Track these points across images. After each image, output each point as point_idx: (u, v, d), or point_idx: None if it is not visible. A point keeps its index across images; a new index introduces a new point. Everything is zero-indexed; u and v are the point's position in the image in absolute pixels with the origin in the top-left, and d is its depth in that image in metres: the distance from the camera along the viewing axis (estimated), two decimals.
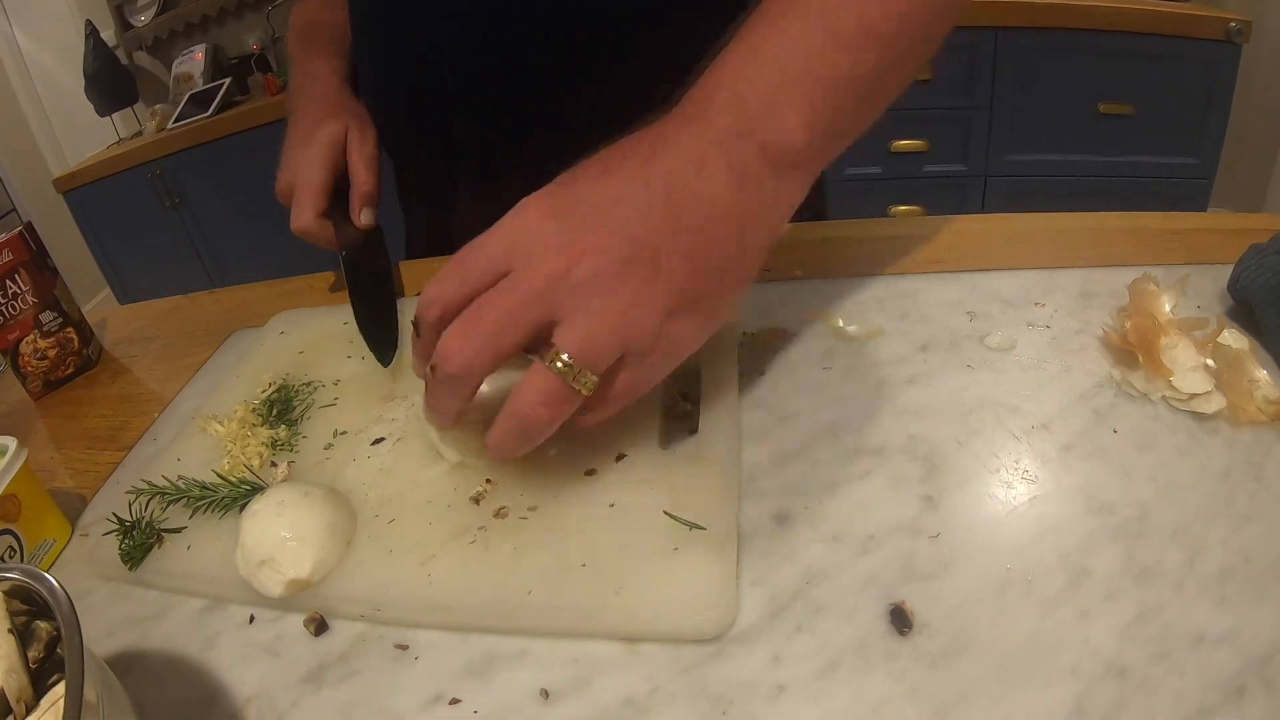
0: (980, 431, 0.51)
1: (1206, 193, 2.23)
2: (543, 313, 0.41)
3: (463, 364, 0.42)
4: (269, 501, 0.49)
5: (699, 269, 0.43)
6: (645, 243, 0.41)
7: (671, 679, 0.41)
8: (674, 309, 0.42)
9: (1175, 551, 0.41)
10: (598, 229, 0.42)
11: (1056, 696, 0.36)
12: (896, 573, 0.43)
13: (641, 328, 0.42)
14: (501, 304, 0.42)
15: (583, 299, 0.41)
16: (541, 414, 0.42)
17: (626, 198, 0.42)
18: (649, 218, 0.42)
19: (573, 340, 0.41)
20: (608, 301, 0.41)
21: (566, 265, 0.41)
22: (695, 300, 0.43)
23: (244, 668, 0.46)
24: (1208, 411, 0.48)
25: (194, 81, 3.13)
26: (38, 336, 0.78)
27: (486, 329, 0.42)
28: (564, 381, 0.41)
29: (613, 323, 0.41)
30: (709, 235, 0.42)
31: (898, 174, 2.50)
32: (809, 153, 0.44)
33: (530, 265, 0.42)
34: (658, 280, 0.42)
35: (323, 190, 0.76)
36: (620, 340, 0.42)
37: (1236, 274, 0.55)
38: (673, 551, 0.45)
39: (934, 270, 0.67)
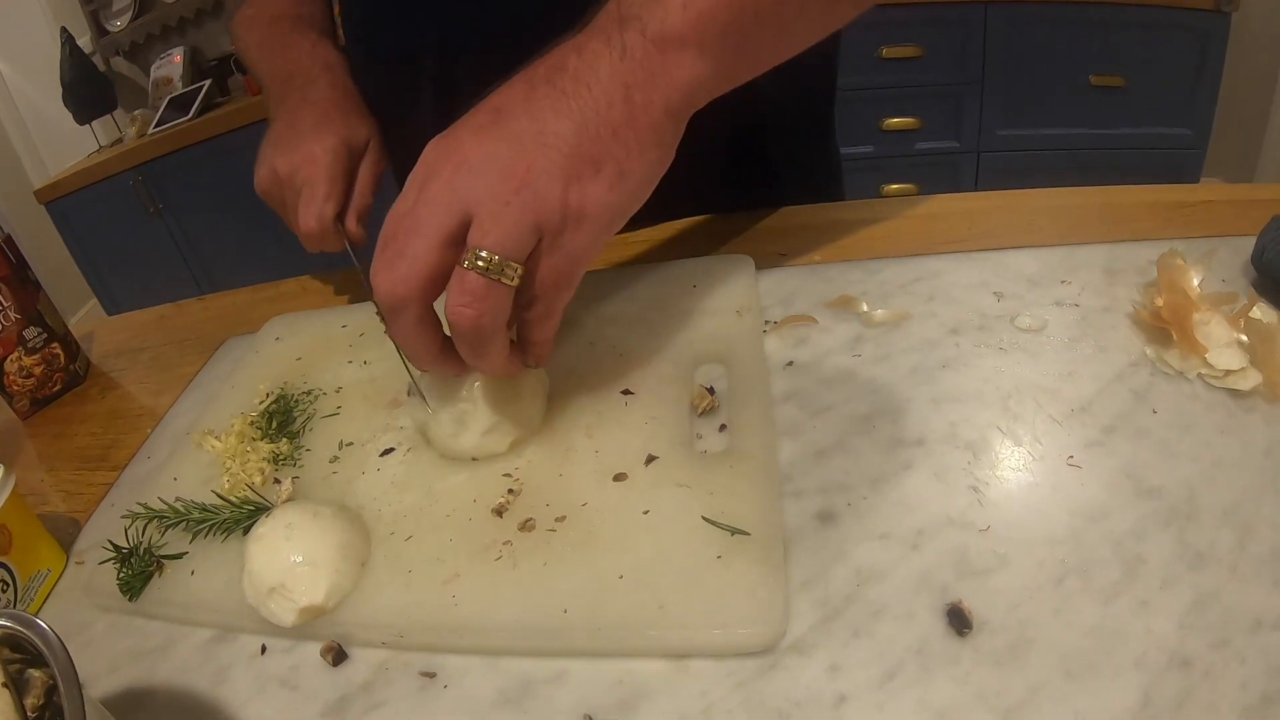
0: (1021, 416, 0.49)
1: (1199, 163, 2.22)
2: (453, 214, 0.42)
3: (390, 290, 0.43)
4: (276, 523, 0.46)
5: (589, 131, 0.43)
6: (529, 118, 0.43)
7: (726, 695, 0.38)
8: (573, 174, 0.42)
9: (1226, 534, 0.40)
10: (478, 125, 0.43)
11: (1124, 691, 0.35)
12: (950, 570, 0.41)
13: (544, 198, 0.42)
14: (410, 221, 0.43)
15: (481, 188, 0.41)
16: (467, 314, 0.42)
17: (508, 97, 0.44)
18: (530, 99, 0.43)
19: (481, 232, 0.41)
20: (504, 182, 0.41)
21: (458, 161, 0.42)
22: (595, 163, 0.43)
23: (260, 703, 0.43)
24: (1244, 388, 0.47)
25: (173, 85, 3.08)
26: (22, 354, 0.75)
27: (403, 249, 0.42)
28: (483, 276, 0.42)
29: (512, 201, 0.41)
30: (593, 98, 0.43)
31: (890, 153, 2.49)
32: (691, 32, 0.44)
33: (430, 179, 0.43)
34: (547, 148, 0.42)
35: (342, 189, 0.68)
36: (529, 217, 0.42)
37: (1261, 246, 0.54)
38: (716, 559, 0.42)
39: (955, 250, 0.65)
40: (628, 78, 0.43)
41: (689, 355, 0.56)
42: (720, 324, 0.59)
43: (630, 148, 0.44)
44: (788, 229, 0.73)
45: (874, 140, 2.46)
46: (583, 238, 0.44)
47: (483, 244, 0.41)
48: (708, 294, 0.62)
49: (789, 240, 0.70)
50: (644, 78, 0.44)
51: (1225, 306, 0.50)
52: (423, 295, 0.43)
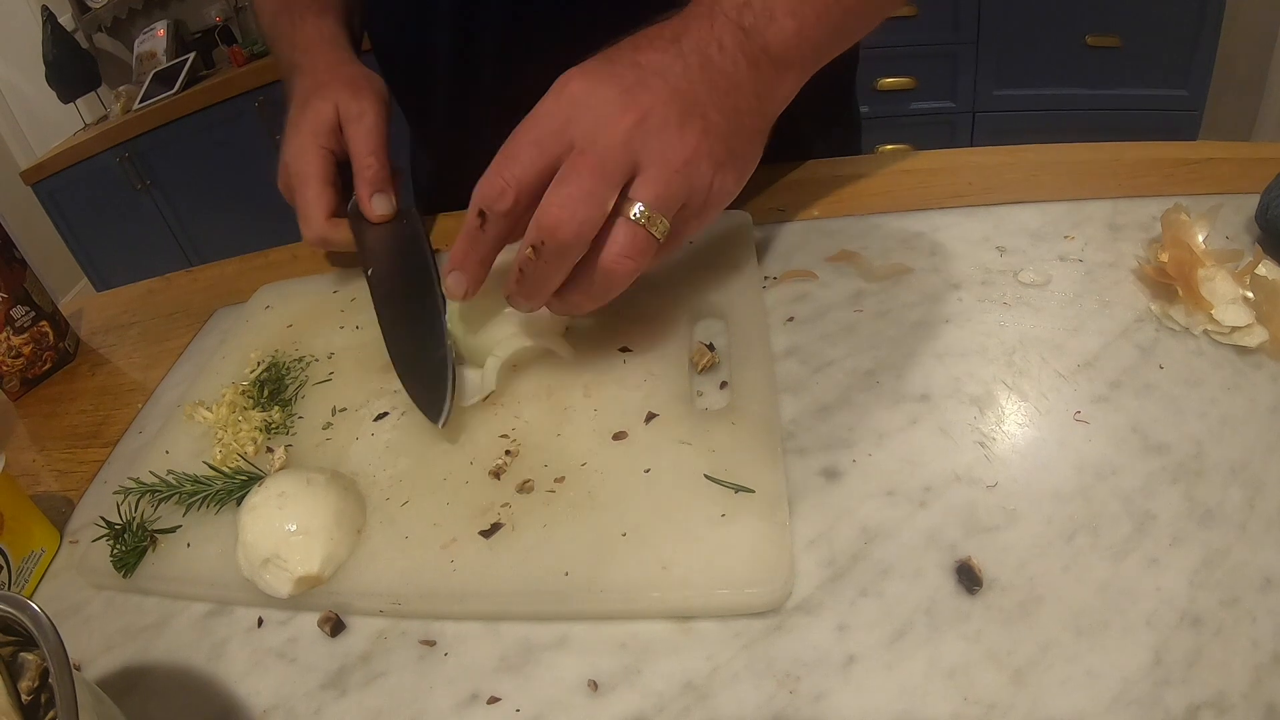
0: (1026, 371, 0.48)
1: (1196, 124, 2.19)
2: (627, 164, 0.43)
3: (576, 229, 0.43)
4: (268, 493, 0.45)
5: (735, 127, 0.46)
6: (695, 99, 0.45)
7: (732, 657, 0.38)
8: (720, 162, 0.46)
9: (1235, 491, 0.40)
10: (650, 89, 0.44)
11: (1135, 649, 0.35)
12: (958, 526, 0.41)
13: (702, 177, 0.45)
14: (590, 164, 0.43)
15: (655, 148, 0.43)
16: (627, 265, 0.44)
17: (666, 66, 0.45)
18: (692, 80, 0.45)
19: (650, 190, 0.43)
20: (676, 151, 0.44)
21: (635, 119, 0.43)
22: (734, 156, 0.47)
23: (257, 677, 0.42)
24: (1250, 345, 0.47)
25: (157, 59, 3.04)
26: (10, 333, 0.74)
27: (586, 189, 0.43)
28: (645, 230, 0.44)
29: (681, 172, 0.44)
30: (737, 100, 0.46)
31: (885, 113, 2.47)
32: (799, 55, 0.48)
33: (600, 127, 0.43)
34: (710, 134, 0.45)
35: (323, 180, 0.66)
36: (686, 189, 0.45)
37: (1265, 204, 0.53)
38: (719, 518, 0.41)
39: (957, 205, 0.64)
40: (760, 88, 0.47)
41: (687, 312, 0.55)
42: (719, 280, 0.57)
43: (754, 149, 0.49)
44: (786, 184, 0.71)
45: (868, 100, 2.44)
46: (705, 217, 0.48)
47: (649, 201, 0.43)
48: (706, 250, 0.61)
49: (788, 195, 0.69)
50: (767, 90, 0.48)
51: (1230, 263, 0.50)
52: (591, 236, 0.44)
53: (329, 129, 0.67)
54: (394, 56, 0.84)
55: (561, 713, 0.37)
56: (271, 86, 2.67)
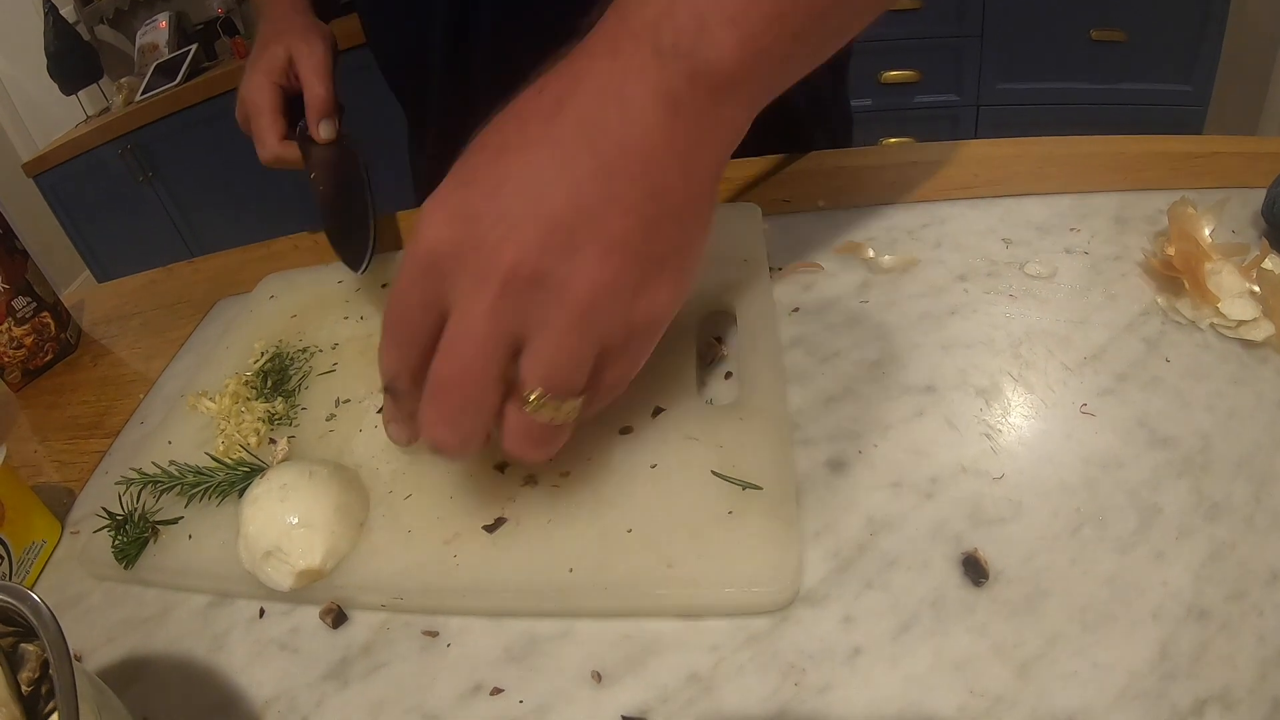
0: (1033, 363, 0.48)
1: (1200, 120, 2.17)
2: (506, 346, 0.35)
3: (460, 444, 0.37)
4: (270, 485, 0.45)
5: (651, 221, 0.35)
6: (581, 212, 0.34)
7: (737, 650, 0.37)
8: (638, 284, 0.36)
9: (1242, 486, 0.39)
10: (517, 222, 0.34)
11: (1141, 643, 0.34)
12: (964, 519, 0.41)
13: (613, 316, 0.36)
14: (455, 370, 0.36)
15: (535, 312, 0.34)
16: (536, 454, 0.38)
17: (538, 169, 0.35)
18: (574, 182, 0.34)
19: (539, 371, 0.35)
20: (560, 311, 0.34)
21: (501, 282, 0.34)
22: (659, 263, 0.36)
23: (259, 668, 0.42)
24: (1256, 339, 0.46)
25: (159, 51, 3.03)
26: (12, 324, 0.74)
27: (461, 401, 0.36)
28: (543, 418, 0.37)
29: (578, 328, 0.35)
30: (650, 180, 0.35)
31: (889, 105, 2.46)
32: (746, 71, 0.36)
33: (463, 300, 0.35)
34: (612, 254, 0.34)
35: (275, 110, 0.73)
36: (590, 346, 0.36)
37: (1272, 198, 0.52)
38: (727, 515, 0.41)
39: (963, 196, 0.63)
40: (681, 143, 0.35)
41: (695, 305, 0.55)
42: (726, 273, 0.57)
43: (690, 232, 0.38)
44: (791, 175, 0.71)
45: (873, 93, 2.43)
46: (646, 344, 0.39)
47: (543, 382, 0.36)
48: (714, 242, 0.59)
49: (793, 186, 0.69)
50: (698, 138, 0.36)
51: (1236, 257, 0.50)
52: (486, 434, 0.38)
53: (281, 67, 0.74)
54: (390, 55, 0.86)
55: (565, 704, 0.37)
56: None
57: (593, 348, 0.36)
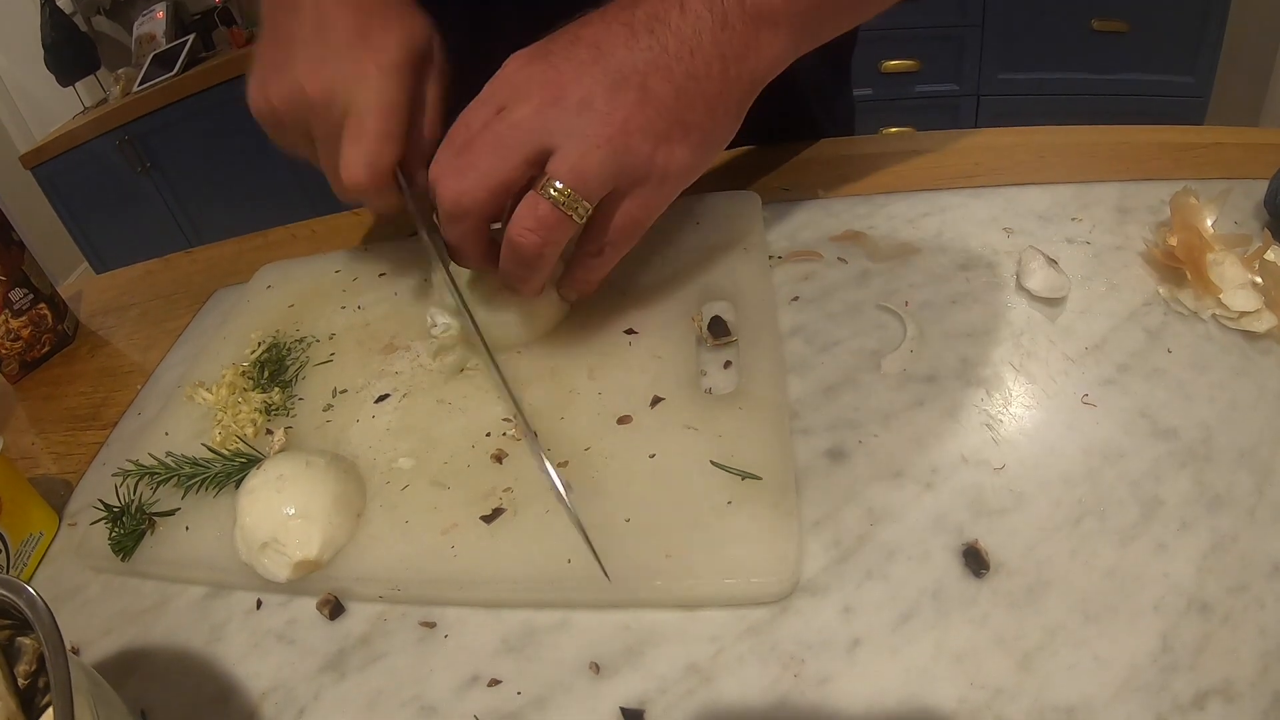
0: (1034, 353, 0.48)
1: (1202, 111, 2.16)
2: (536, 142, 0.42)
3: (455, 196, 0.43)
4: (267, 475, 0.45)
5: (686, 96, 0.43)
6: (631, 68, 0.42)
7: (736, 640, 0.37)
8: (664, 134, 0.43)
9: (1244, 477, 0.39)
10: (578, 62, 0.42)
11: (1143, 635, 0.34)
12: (965, 509, 0.40)
13: (633, 152, 0.42)
14: (491, 134, 0.42)
15: (574, 125, 0.41)
16: (531, 239, 0.43)
17: (606, 37, 0.43)
18: (633, 47, 0.42)
19: (564, 166, 0.41)
20: (599, 127, 0.41)
21: (555, 94, 0.42)
22: (685, 128, 0.44)
23: (257, 659, 0.42)
24: (1259, 330, 0.46)
25: (157, 41, 3.02)
26: (9, 316, 0.73)
27: (477, 161, 0.42)
28: (554, 208, 0.42)
29: (605, 148, 0.41)
30: (694, 65, 0.43)
31: (889, 95, 2.44)
32: (785, 9, 0.44)
33: (519, 98, 0.42)
34: (646, 105, 0.42)
35: (404, 127, 0.49)
36: (613, 165, 0.42)
37: (1274, 189, 0.52)
38: (726, 505, 0.40)
39: (964, 185, 0.63)
40: (725, 49, 0.43)
41: (694, 293, 0.54)
42: (727, 261, 0.56)
43: (718, 118, 0.45)
44: (792, 164, 0.71)
45: (872, 82, 2.42)
46: (658, 195, 0.45)
47: (562, 177, 0.41)
48: (713, 231, 0.60)
49: (793, 175, 0.68)
50: (739, 51, 0.44)
51: (1239, 248, 0.50)
52: (487, 209, 0.43)
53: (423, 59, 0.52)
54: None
55: (563, 695, 0.37)
56: None
57: (614, 169, 0.42)
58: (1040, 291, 0.50)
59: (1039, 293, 0.50)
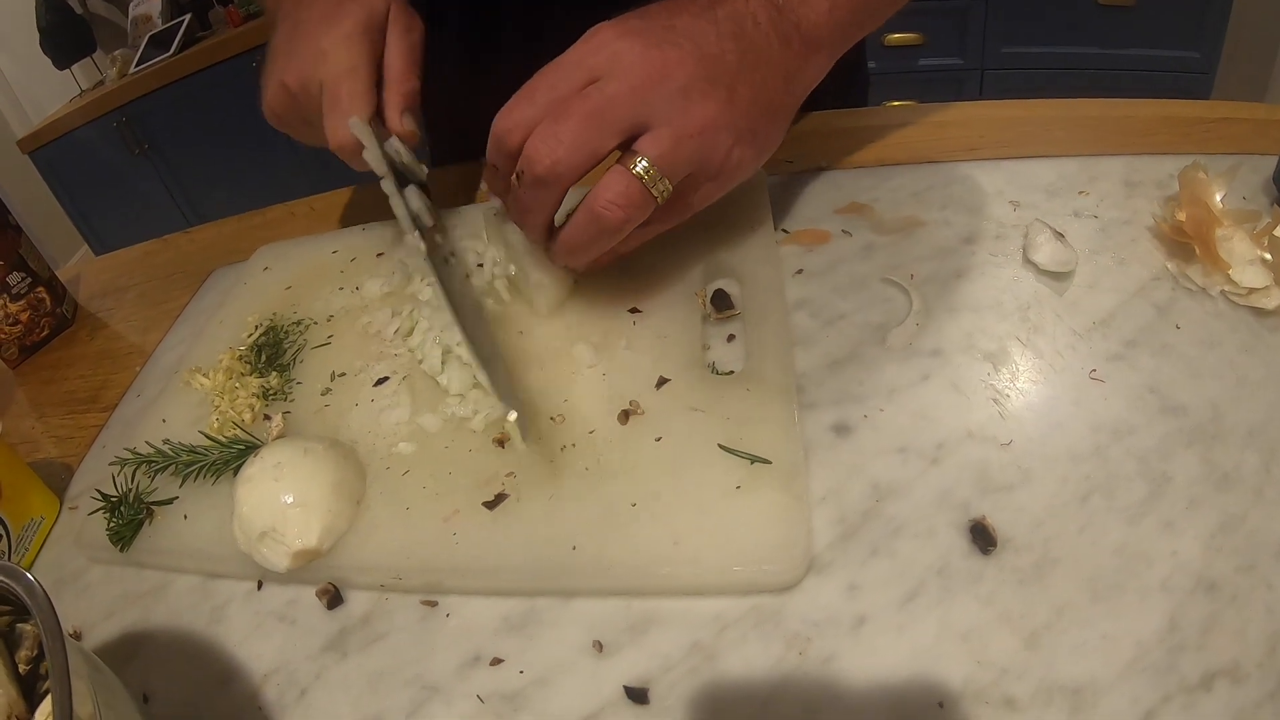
0: (1041, 328, 0.47)
1: (1208, 86, 2.13)
2: (632, 117, 0.42)
3: (549, 165, 0.42)
4: (265, 463, 0.44)
5: (760, 104, 0.45)
6: (724, 68, 0.44)
7: (741, 618, 0.37)
8: (740, 135, 0.45)
9: (1252, 456, 0.39)
10: (679, 49, 0.43)
11: (1150, 614, 0.34)
12: (972, 485, 0.40)
13: (718, 147, 0.44)
14: (590, 105, 0.42)
15: (671, 108, 0.42)
16: (616, 214, 0.43)
17: (699, 32, 0.44)
18: (724, 49, 0.44)
19: (658, 147, 0.42)
20: (694, 116, 0.43)
21: (656, 74, 0.42)
22: (755, 133, 0.46)
23: (258, 640, 0.42)
24: (1268, 307, 0.46)
25: (153, 22, 2.99)
26: (8, 300, 0.73)
27: (574, 127, 0.42)
28: (642, 185, 0.43)
29: (696, 137, 0.43)
30: (766, 75, 0.45)
31: (892, 69, 2.42)
32: (829, 36, 0.48)
33: (617, 73, 0.42)
34: (733, 105, 0.44)
35: (369, 84, 0.55)
36: (699, 155, 0.44)
37: None
38: (734, 490, 0.40)
39: (970, 158, 0.62)
40: (787, 67, 0.46)
41: (700, 270, 0.54)
42: (732, 239, 0.56)
43: (777, 127, 0.48)
44: (795, 135, 0.69)
45: (876, 55, 2.39)
46: (718, 188, 0.48)
47: (653, 157, 0.42)
48: (719, 207, 0.58)
49: (796, 146, 0.67)
50: (796, 69, 0.47)
51: (1248, 224, 0.49)
52: (576, 178, 0.44)
53: (379, 26, 0.57)
54: None
55: (565, 674, 0.37)
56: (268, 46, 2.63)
57: (699, 159, 0.44)
58: (1047, 265, 0.50)
59: (1046, 267, 0.50)
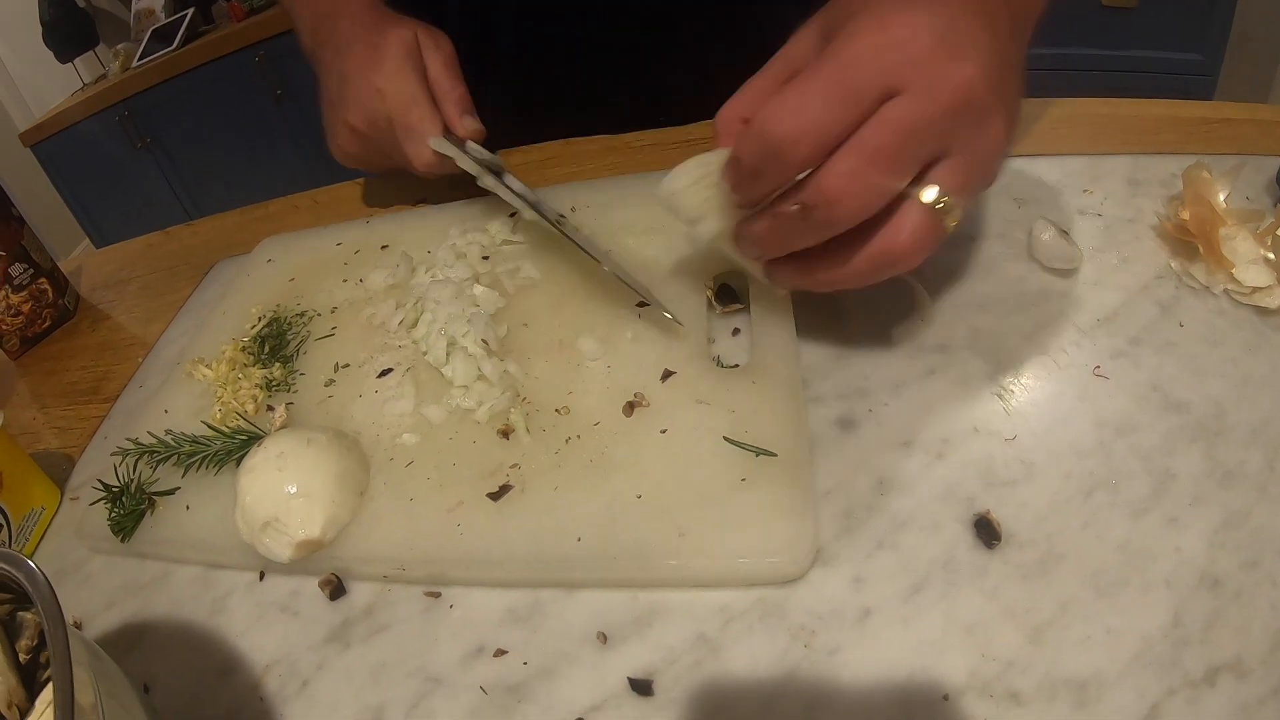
0: (1045, 324, 0.47)
1: (1210, 89, 2.13)
2: (936, 150, 0.38)
3: (858, 209, 0.38)
4: (268, 453, 0.44)
5: (1016, 115, 0.41)
6: (1004, 82, 0.39)
7: (746, 610, 0.37)
8: (1010, 137, 0.41)
9: (1255, 453, 0.39)
10: (974, 59, 0.37)
11: (1154, 609, 0.34)
12: (976, 480, 0.40)
13: (997, 168, 0.41)
14: (898, 141, 0.37)
15: (971, 136, 0.38)
16: (913, 253, 0.39)
17: (980, 32, 0.38)
18: (1002, 57, 0.39)
19: (955, 178, 0.39)
20: (990, 142, 0.39)
21: (961, 98, 0.37)
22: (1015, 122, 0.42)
23: (260, 631, 0.42)
24: (1271, 306, 0.45)
25: (155, 16, 3.00)
26: (9, 291, 0.73)
27: (883, 169, 0.37)
28: (940, 219, 0.39)
29: (989, 164, 0.40)
30: (1015, 70, 0.41)
31: None
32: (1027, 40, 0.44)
33: (921, 90, 0.37)
34: (1012, 118, 0.40)
35: (431, 104, 0.63)
36: (986, 181, 0.41)
37: None
38: (740, 483, 0.40)
39: None
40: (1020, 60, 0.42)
41: (707, 264, 0.53)
42: None
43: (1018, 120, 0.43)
44: None
45: None
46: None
47: (953, 189, 0.39)
48: None
49: None
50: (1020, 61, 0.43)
51: (1251, 224, 0.49)
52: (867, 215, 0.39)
53: (416, 52, 0.64)
54: None
55: (569, 666, 0.37)
56: (271, 41, 2.64)
57: (984, 184, 0.41)
58: (1051, 263, 0.50)
59: (1050, 264, 0.50)
